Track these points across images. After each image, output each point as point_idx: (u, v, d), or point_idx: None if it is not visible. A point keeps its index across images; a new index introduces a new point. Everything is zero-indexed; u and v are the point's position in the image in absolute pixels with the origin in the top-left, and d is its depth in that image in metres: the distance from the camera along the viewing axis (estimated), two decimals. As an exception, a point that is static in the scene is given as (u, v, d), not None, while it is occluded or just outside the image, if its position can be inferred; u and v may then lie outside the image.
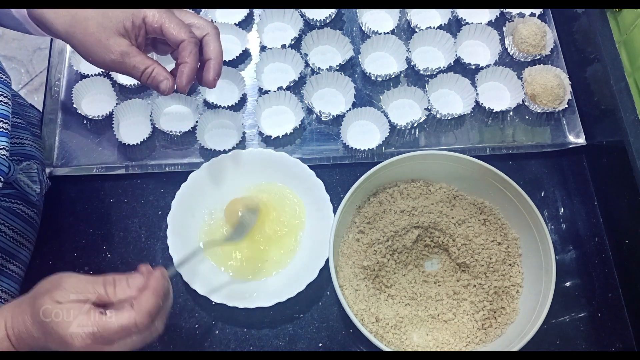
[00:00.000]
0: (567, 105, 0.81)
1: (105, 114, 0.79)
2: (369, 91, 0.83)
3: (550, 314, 0.62)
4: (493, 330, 0.67)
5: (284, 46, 0.83)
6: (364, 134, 0.80)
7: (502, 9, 0.87)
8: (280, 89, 0.80)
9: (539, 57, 0.84)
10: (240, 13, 0.86)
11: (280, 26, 0.86)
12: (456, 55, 0.83)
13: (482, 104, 0.81)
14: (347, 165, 0.78)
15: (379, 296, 0.68)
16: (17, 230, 0.67)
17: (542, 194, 0.78)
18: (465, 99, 0.82)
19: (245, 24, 0.86)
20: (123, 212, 0.76)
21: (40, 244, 0.73)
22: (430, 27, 0.85)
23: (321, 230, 0.70)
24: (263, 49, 0.84)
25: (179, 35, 0.59)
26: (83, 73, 0.81)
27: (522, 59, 0.85)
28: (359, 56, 0.83)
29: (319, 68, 0.82)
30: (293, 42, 0.84)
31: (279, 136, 0.78)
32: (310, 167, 0.74)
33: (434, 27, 0.85)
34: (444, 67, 0.83)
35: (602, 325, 0.71)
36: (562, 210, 0.78)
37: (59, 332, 0.48)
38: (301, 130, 0.80)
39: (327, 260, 0.65)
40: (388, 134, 0.77)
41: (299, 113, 0.79)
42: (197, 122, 0.78)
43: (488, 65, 0.83)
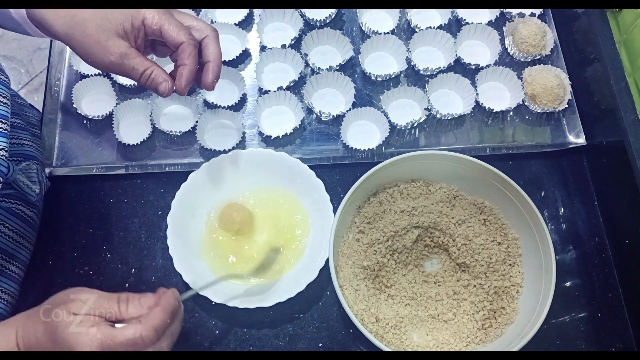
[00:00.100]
0: (567, 105, 0.81)
1: (105, 114, 0.79)
2: (369, 91, 0.83)
3: (550, 314, 0.62)
4: (493, 330, 0.67)
5: (284, 46, 0.83)
6: (364, 134, 0.80)
7: (502, 9, 0.87)
8: (280, 89, 0.80)
9: (539, 57, 0.84)
10: (240, 13, 0.86)
11: (280, 26, 0.86)
12: (456, 55, 0.83)
13: (482, 104, 0.81)
14: (347, 165, 0.78)
15: (379, 296, 0.68)
16: (17, 230, 0.67)
17: (542, 194, 0.78)
18: (465, 99, 0.82)
19: (245, 24, 0.86)
20: (123, 212, 0.76)
21: (40, 244, 0.73)
22: (430, 27, 0.85)
23: (321, 230, 0.71)
24: (263, 49, 0.84)
25: (178, 37, 0.59)
26: (83, 73, 0.81)
27: (522, 59, 0.85)
28: (359, 56, 0.83)
29: (319, 68, 0.82)
30: (293, 42, 0.84)
31: (279, 136, 0.78)
32: (310, 167, 0.74)
33: (434, 27, 0.85)
34: (444, 67, 0.83)
35: (602, 325, 0.71)
36: (562, 210, 0.78)
37: (69, 342, 0.49)
38: (301, 130, 0.80)
39: (327, 260, 0.65)
40: (388, 134, 0.77)
41: (299, 113, 0.79)
42: (197, 122, 0.78)
43: (488, 65, 0.83)
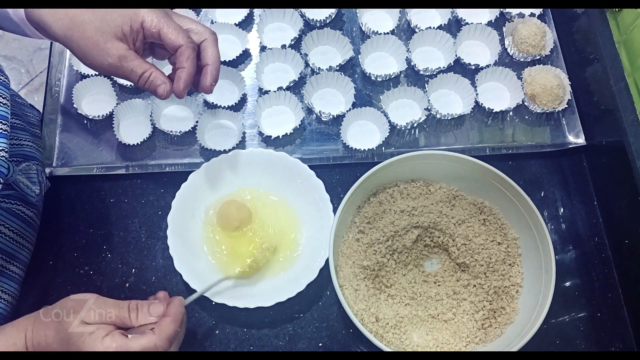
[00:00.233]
0: (567, 106, 0.81)
1: (106, 114, 0.79)
2: (369, 91, 0.83)
3: (550, 314, 0.62)
4: (493, 330, 0.67)
5: (284, 46, 0.83)
6: (364, 134, 0.80)
7: (502, 9, 0.87)
8: (280, 89, 0.80)
9: (538, 57, 0.84)
10: (240, 13, 0.86)
11: (280, 26, 0.86)
12: (456, 55, 0.83)
13: (482, 104, 0.81)
14: (347, 165, 0.78)
15: (378, 296, 0.68)
16: (17, 231, 0.67)
17: (542, 194, 0.78)
18: (465, 99, 0.82)
19: (245, 24, 0.86)
20: (123, 212, 0.76)
21: (41, 244, 0.73)
22: (430, 27, 0.85)
23: (321, 230, 0.71)
24: (263, 49, 0.84)
25: (177, 40, 0.59)
26: (83, 73, 0.81)
27: (522, 59, 0.85)
28: (359, 56, 0.83)
29: (319, 68, 0.82)
30: (293, 42, 0.84)
31: (279, 136, 0.78)
32: (310, 167, 0.74)
33: (434, 27, 0.85)
34: (444, 67, 0.83)
35: (602, 325, 0.71)
36: (562, 210, 0.78)
37: (82, 348, 0.51)
38: (301, 130, 0.80)
39: (327, 260, 0.65)
40: (388, 134, 0.77)
41: (299, 113, 0.79)
42: (197, 122, 0.78)
43: (488, 66, 0.83)
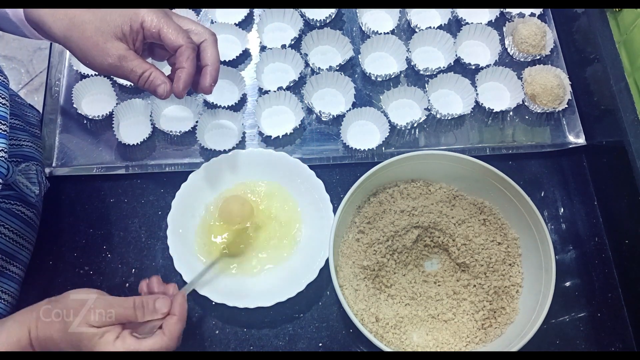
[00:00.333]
0: (567, 105, 0.81)
1: (105, 114, 0.79)
2: (369, 91, 0.83)
3: (550, 314, 0.62)
4: (493, 330, 0.67)
5: (284, 46, 0.83)
6: (364, 134, 0.80)
7: (502, 9, 0.87)
8: (280, 89, 0.80)
9: (538, 57, 0.84)
10: (240, 13, 0.86)
11: (280, 26, 0.86)
12: (456, 55, 0.83)
13: (482, 104, 0.81)
14: (347, 165, 0.78)
15: (379, 296, 0.68)
16: (17, 231, 0.67)
17: (542, 194, 0.78)
18: (465, 99, 0.82)
19: (245, 24, 0.86)
20: (123, 212, 0.76)
21: (41, 244, 0.73)
22: (430, 27, 0.85)
23: (321, 230, 0.71)
24: (263, 49, 0.84)
25: (176, 40, 0.59)
26: (83, 73, 0.81)
27: (522, 59, 0.85)
28: (359, 56, 0.83)
29: (319, 68, 0.82)
30: (293, 42, 0.84)
31: (279, 136, 0.78)
32: (310, 167, 0.74)
33: (434, 27, 0.85)
34: (444, 67, 0.83)
35: (602, 325, 0.71)
36: (562, 210, 0.78)
37: (93, 352, 0.53)
38: (301, 130, 0.80)
39: (327, 260, 0.65)
40: (388, 134, 0.77)
41: (299, 113, 0.79)
42: (197, 122, 0.78)
43: (488, 66, 0.83)
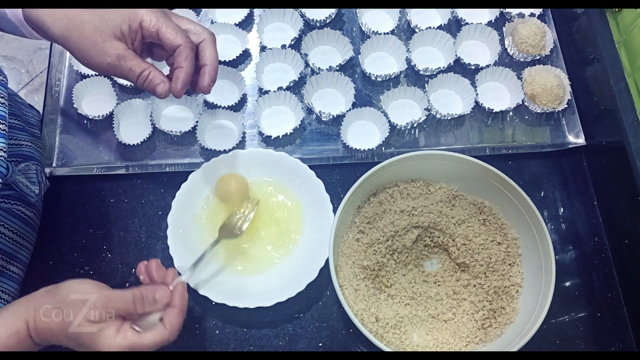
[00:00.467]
0: (567, 106, 0.81)
1: (106, 114, 0.79)
2: (369, 91, 0.83)
3: (550, 314, 0.62)
4: (493, 330, 0.67)
5: (284, 46, 0.83)
6: (364, 134, 0.80)
7: (502, 9, 0.87)
8: (280, 89, 0.80)
9: (538, 57, 0.84)
10: (240, 13, 0.86)
11: (280, 26, 0.86)
12: (456, 55, 0.83)
13: (482, 104, 0.81)
14: (347, 165, 0.78)
15: (378, 296, 0.68)
16: (17, 231, 0.67)
17: (542, 194, 0.78)
18: (465, 99, 0.82)
19: (245, 24, 0.86)
20: (123, 212, 0.76)
21: (41, 244, 0.73)
22: (430, 27, 0.85)
23: (321, 230, 0.71)
24: (263, 49, 0.84)
25: (175, 40, 0.59)
26: (83, 73, 0.81)
27: (522, 59, 0.85)
28: (359, 56, 0.83)
29: (319, 68, 0.82)
30: (293, 42, 0.84)
31: (279, 136, 0.78)
32: (310, 167, 0.74)
33: (434, 27, 0.85)
34: (444, 67, 0.83)
35: (602, 325, 0.71)
36: (562, 210, 0.78)
37: (95, 347, 0.53)
38: (301, 130, 0.80)
39: (327, 260, 0.65)
40: (388, 134, 0.77)
41: (299, 113, 0.79)
42: (197, 122, 0.78)
43: (488, 66, 0.83)
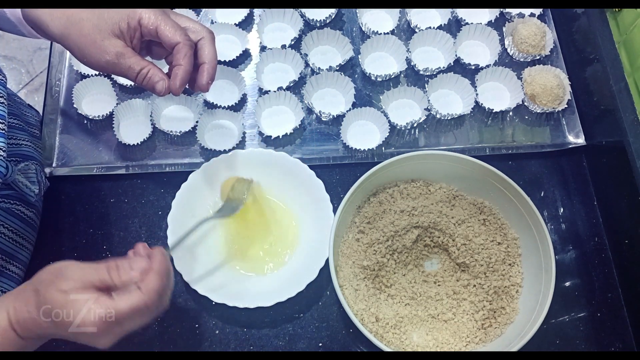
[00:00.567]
0: (567, 106, 0.81)
1: (106, 114, 0.79)
2: (369, 91, 0.83)
3: (550, 314, 0.62)
4: (493, 330, 0.67)
5: (284, 46, 0.83)
6: (364, 134, 0.80)
7: (502, 9, 0.87)
8: (280, 89, 0.80)
9: (538, 57, 0.84)
10: (240, 13, 0.86)
11: (280, 26, 0.86)
12: (456, 55, 0.83)
13: (482, 104, 0.81)
14: (347, 165, 0.78)
15: (378, 296, 0.68)
16: (16, 231, 0.67)
17: (542, 194, 0.78)
18: (465, 99, 0.82)
19: (245, 24, 0.86)
20: (123, 212, 0.76)
21: (41, 244, 0.73)
22: (430, 27, 0.85)
23: (321, 230, 0.71)
24: (263, 49, 0.84)
25: (174, 37, 0.59)
26: (83, 73, 0.81)
27: (522, 59, 0.85)
28: (359, 56, 0.83)
29: (319, 68, 0.82)
30: (293, 42, 0.84)
31: (279, 136, 0.78)
32: (310, 167, 0.74)
33: (434, 27, 0.85)
34: (444, 67, 0.83)
35: (602, 325, 0.71)
36: (562, 210, 0.78)
37: (69, 318, 0.49)
38: (301, 130, 0.80)
39: (327, 260, 0.65)
40: (388, 134, 0.77)
41: (299, 113, 0.79)
42: (197, 122, 0.78)
43: (488, 66, 0.83)
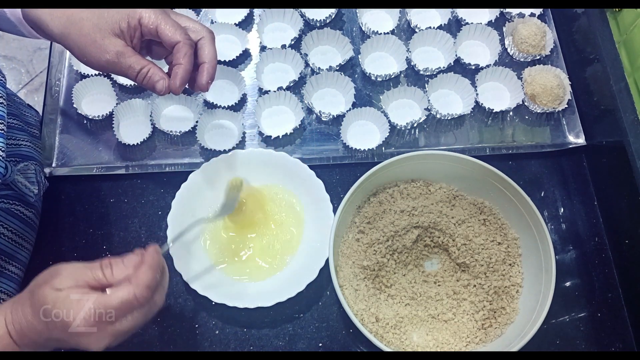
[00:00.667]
0: (567, 106, 0.81)
1: (105, 114, 0.79)
2: (369, 91, 0.83)
3: (550, 314, 0.62)
4: (493, 330, 0.67)
5: (284, 46, 0.83)
6: (364, 134, 0.80)
7: (502, 9, 0.87)
8: (280, 89, 0.80)
9: (538, 57, 0.84)
10: (240, 13, 0.86)
11: (280, 26, 0.86)
12: (456, 55, 0.83)
13: (482, 104, 0.81)
14: (347, 165, 0.78)
15: (379, 296, 0.68)
16: (16, 231, 0.67)
17: (542, 194, 0.78)
18: (465, 99, 0.82)
19: (245, 24, 0.86)
20: (123, 212, 0.76)
21: (40, 244, 0.73)
22: (430, 27, 0.85)
23: (321, 230, 0.71)
24: (263, 49, 0.84)
25: (174, 36, 0.59)
26: (83, 73, 0.81)
27: (522, 59, 0.85)
28: (359, 56, 0.83)
29: (319, 68, 0.82)
30: (293, 42, 0.84)
31: (279, 136, 0.78)
32: (310, 167, 0.74)
33: (434, 27, 0.85)
34: (444, 67, 0.83)
35: (602, 325, 0.71)
36: (562, 210, 0.78)
37: (62, 318, 0.48)
38: (301, 130, 0.80)
39: (327, 260, 0.65)
40: (388, 134, 0.77)
41: (299, 113, 0.79)
42: (197, 122, 0.78)
43: (488, 66, 0.83)
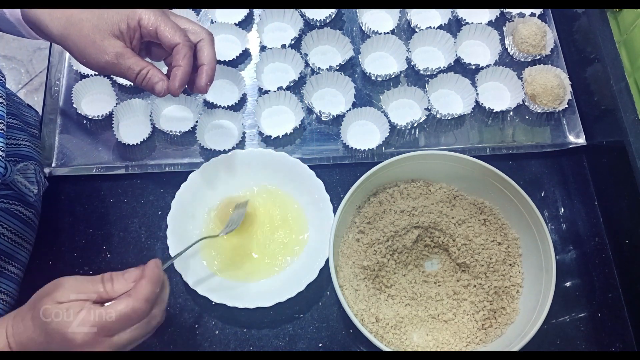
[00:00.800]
0: (567, 105, 0.81)
1: (105, 114, 0.79)
2: (369, 91, 0.83)
3: (550, 314, 0.62)
4: (493, 331, 0.67)
5: (284, 46, 0.83)
6: (364, 134, 0.80)
7: (502, 9, 0.87)
8: (280, 89, 0.80)
9: (539, 57, 0.84)
10: (240, 13, 0.86)
11: (280, 26, 0.86)
12: (456, 55, 0.83)
13: (482, 104, 0.81)
14: (347, 165, 0.78)
15: (379, 296, 0.68)
16: (15, 231, 0.67)
17: (542, 194, 0.78)
18: (465, 99, 0.82)
19: (245, 24, 0.86)
20: (123, 212, 0.76)
21: (40, 244, 0.73)
22: (430, 27, 0.85)
23: (321, 230, 0.70)
24: (263, 49, 0.84)
25: (173, 38, 0.59)
26: (83, 73, 0.81)
27: (522, 59, 0.85)
28: (359, 56, 0.83)
29: (319, 68, 0.82)
30: (293, 42, 0.84)
31: (279, 136, 0.78)
32: (310, 167, 0.74)
33: (434, 27, 0.85)
34: (444, 67, 0.83)
35: (602, 325, 0.71)
36: (562, 210, 0.78)
37: (60, 331, 0.49)
38: (301, 130, 0.80)
39: (327, 260, 0.65)
40: (388, 134, 0.77)
41: (299, 113, 0.79)
42: (197, 122, 0.78)
43: (488, 65, 0.83)
